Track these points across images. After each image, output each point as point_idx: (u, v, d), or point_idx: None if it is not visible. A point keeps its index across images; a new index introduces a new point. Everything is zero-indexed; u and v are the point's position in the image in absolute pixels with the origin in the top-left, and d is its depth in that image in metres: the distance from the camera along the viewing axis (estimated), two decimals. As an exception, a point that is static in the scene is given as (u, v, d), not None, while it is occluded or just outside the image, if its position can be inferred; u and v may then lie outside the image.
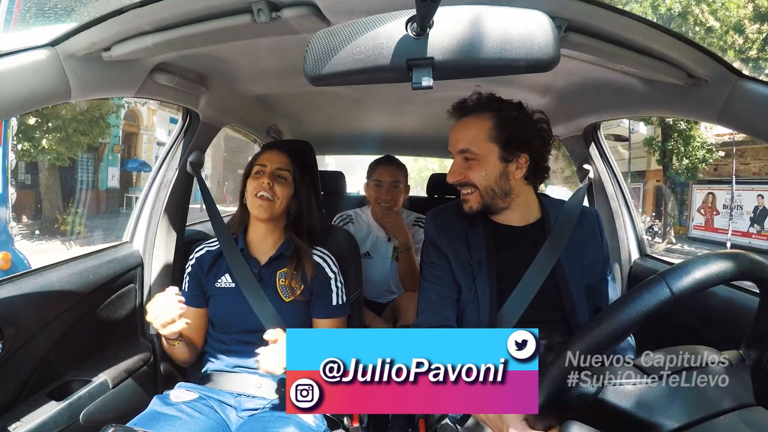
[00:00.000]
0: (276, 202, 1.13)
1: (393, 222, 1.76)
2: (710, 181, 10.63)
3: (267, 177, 1.14)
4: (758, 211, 9.61)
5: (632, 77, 1.01)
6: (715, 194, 10.50)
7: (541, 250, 0.97)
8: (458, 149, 0.99)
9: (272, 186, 1.13)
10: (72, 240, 8.73)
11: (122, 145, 11.58)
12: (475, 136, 0.97)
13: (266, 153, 1.19)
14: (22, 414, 0.93)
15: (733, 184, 10.02)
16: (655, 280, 0.53)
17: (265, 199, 1.12)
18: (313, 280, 1.15)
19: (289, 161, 1.18)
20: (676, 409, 0.52)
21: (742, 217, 9.88)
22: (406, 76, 0.56)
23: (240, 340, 1.12)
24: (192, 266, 1.18)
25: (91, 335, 1.16)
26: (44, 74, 0.78)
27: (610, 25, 0.78)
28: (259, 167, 1.16)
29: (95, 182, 11.01)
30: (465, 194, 1.00)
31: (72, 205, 9.68)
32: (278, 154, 1.18)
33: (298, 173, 1.19)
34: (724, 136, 10.11)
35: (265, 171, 1.15)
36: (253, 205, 1.13)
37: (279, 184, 1.14)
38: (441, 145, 2.78)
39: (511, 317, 0.94)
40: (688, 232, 11.11)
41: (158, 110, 11.88)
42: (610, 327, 0.53)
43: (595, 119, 1.39)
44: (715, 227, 10.42)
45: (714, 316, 1.06)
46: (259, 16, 0.78)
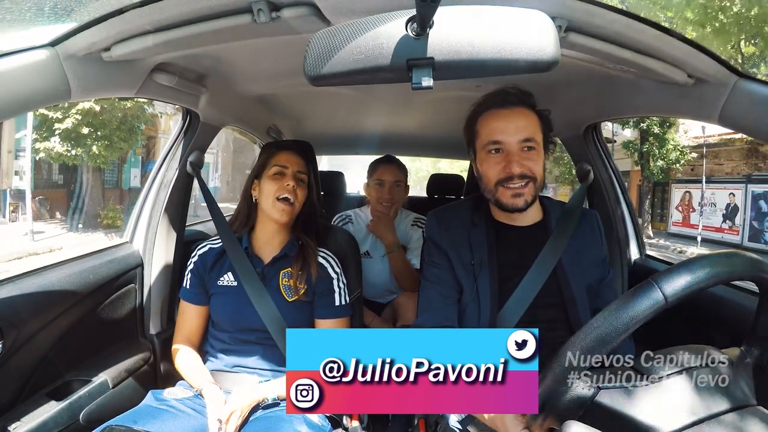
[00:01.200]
0: (296, 205, 1.13)
1: (378, 228, 1.77)
2: (687, 181, 11.66)
3: (291, 179, 1.12)
4: (729, 207, 10.37)
5: (632, 77, 1.01)
6: (692, 193, 11.38)
7: (543, 250, 0.97)
8: (521, 138, 0.93)
9: (295, 189, 1.12)
10: (112, 232, 9.97)
11: (143, 148, 12.74)
12: (535, 126, 0.95)
13: (284, 154, 1.17)
14: (22, 414, 0.93)
15: (703, 183, 10.87)
16: (647, 285, 0.53)
17: (288, 203, 1.11)
18: (316, 281, 1.15)
19: (305, 163, 1.18)
20: (673, 411, 0.52)
21: (715, 214, 10.70)
22: (406, 76, 0.56)
23: (240, 339, 1.12)
24: (194, 263, 1.18)
25: (91, 335, 1.16)
26: (44, 74, 0.78)
27: (610, 25, 0.78)
28: (279, 168, 1.14)
29: (119, 182, 12.68)
30: (520, 187, 0.93)
31: (108, 202, 11.32)
32: (296, 156, 1.17)
33: (312, 174, 1.19)
34: (700, 138, 10.99)
35: (287, 173, 1.14)
36: (273, 208, 1.12)
37: (300, 187, 1.14)
38: (441, 145, 2.79)
39: (513, 317, 0.94)
40: (668, 228, 12.03)
41: (174, 115, 12.48)
42: (602, 332, 0.53)
43: (595, 119, 1.39)
44: (691, 223, 11.30)
45: (714, 316, 1.06)
46: (259, 16, 0.78)
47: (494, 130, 0.95)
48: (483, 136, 0.97)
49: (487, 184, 0.97)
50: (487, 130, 0.97)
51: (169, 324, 1.39)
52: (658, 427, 0.51)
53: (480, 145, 0.98)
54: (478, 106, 1.01)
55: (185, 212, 1.47)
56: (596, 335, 0.53)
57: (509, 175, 0.93)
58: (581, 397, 0.54)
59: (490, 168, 0.95)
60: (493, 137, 0.95)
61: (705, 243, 10.32)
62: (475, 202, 1.06)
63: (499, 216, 1.02)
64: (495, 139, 0.95)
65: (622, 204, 1.50)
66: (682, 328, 1.14)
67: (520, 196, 0.93)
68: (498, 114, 0.97)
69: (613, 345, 0.53)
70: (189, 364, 1.11)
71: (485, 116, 0.98)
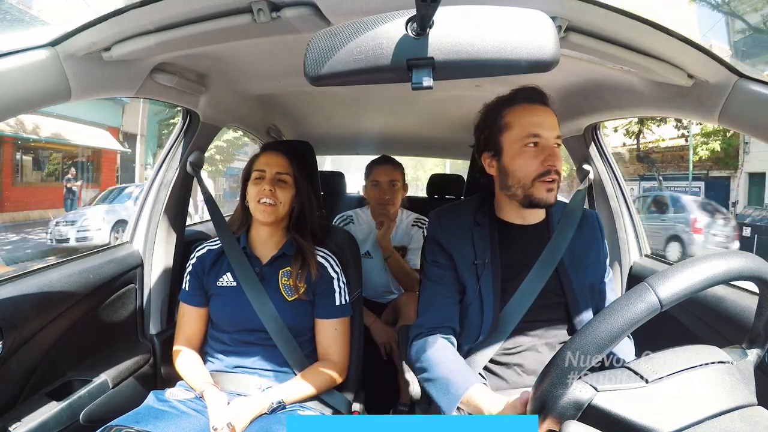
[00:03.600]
0: (279, 206, 1.13)
1: (385, 237, 1.76)
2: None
3: (268, 183, 1.13)
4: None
5: (632, 77, 1.01)
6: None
7: (545, 250, 0.97)
8: (556, 134, 0.94)
9: (274, 191, 1.12)
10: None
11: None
12: (558, 126, 0.96)
13: (263, 157, 1.18)
14: (22, 414, 0.93)
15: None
16: (642, 288, 0.53)
17: (268, 204, 1.12)
18: (316, 280, 1.15)
19: (288, 162, 1.18)
20: (671, 413, 0.52)
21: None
22: (406, 76, 0.56)
23: (240, 340, 1.12)
24: (193, 265, 1.18)
25: (91, 335, 1.16)
26: (44, 74, 0.78)
27: (611, 25, 0.78)
28: (258, 172, 1.15)
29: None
30: (552, 181, 0.93)
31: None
32: (276, 156, 1.18)
33: (298, 173, 1.19)
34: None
35: (265, 176, 1.14)
36: (256, 210, 1.13)
37: (280, 188, 1.14)
38: (441, 145, 2.80)
39: (515, 317, 0.94)
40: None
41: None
42: (599, 335, 0.53)
43: (595, 119, 1.39)
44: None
45: (714, 316, 1.06)
46: (259, 16, 0.78)
47: (533, 123, 0.93)
48: (518, 128, 0.94)
49: (522, 179, 0.94)
50: (523, 123, 0.94)
51: (169, 324, 1.39)
52: (658, 428, 0.51)
53: (513, 138, 0.95)
54: (504, 100, 0.99)
55: (185, 212, 1.47)
56: (593, 337, 0.53)
57: (548, 169, 0.91)
58: (579, 399, 0.54)
59: (527, 162, 0.93)
60: (532, 130, 0.93)
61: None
62: (478, 201, 1.06)
63: (506, 215, 1.02)
64: (535, 132, 0.92)
65: (622, 204, 1.50)
66: (682, 327, 1.14)
67: (552, 191, 0.93)
68: (533, 108, 0.95)
69: (611, 347, 0.53)
70: (189, 366, 1.11)
71: (517, 109, 0.96)
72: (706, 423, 0.51)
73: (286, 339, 1.10)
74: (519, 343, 0.95)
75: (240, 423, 0.94)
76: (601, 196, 1.52)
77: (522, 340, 0.96)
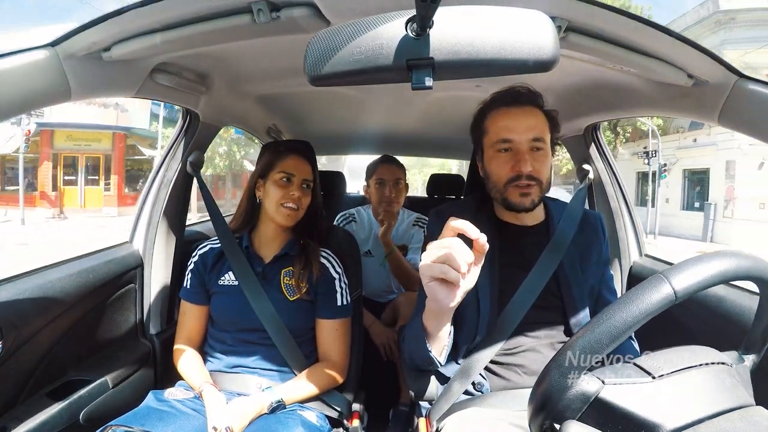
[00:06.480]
0: (301, 211, 1.14)
1: (386, 235, 1.77)
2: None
3: (296, 189, 1.13)
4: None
5: (632, 77, 1.01)
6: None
7: (545, 252, 0.97)
8: (531, 137, 0.92)
9: (300, 198, 1.13)
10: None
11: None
12: (543, 125, 0.94)
13: (292, 159, 1.16)
14: (22, 414, 0.93)
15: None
16: (657, 279, 0.53)
17: (292, 209, 1.12)
18: (318, 281, 1.15)
19: (311, 169, 1.18)
20: (676, 409, 0.52)
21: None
22: (406, 76, 0.56)
23: (241, 339, 1.12)
24: (195, 263, 1.18)
25: (91, 335, 1.16)
26: (44, 74, 0.78)
27: (610, 26, 0.78)
28: (285, 175, 1.14)
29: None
30: (528, 186, 0.92)
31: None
32: (304, 163, 1.17)
33: (316, 179, 1.19)
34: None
35: (294, 181, 1.14)
36: (277, 213, 1.12)
37: (304, 194, 1.14)
38: (441, 145, 2.79)
39: (514, 319, 0.93)
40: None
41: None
42: (612, 326, 0.52)
43: (595, 119, 1.39)
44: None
45: (714, 316, 1.06)
46: (259, 16, 0.78)
47: (504, 128, 0.94)
48: (492, 133, 0.96)
49: (496, 183, 0.95)
50: (496, 128, 0.95)
51: (169, 324, 1.39)
52: (661, 424, 0.51)
53: (489, 142, 0.96)
54: (487, 103, 0.99)
55: (185, 212, 1.47)
56: (608, 327, 0.53)
57: (518, 174, 0.92)
58: (586, 392, 0.54)
59: (499, 167, 0.94)
60: (502, 135, 0.93)
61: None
62: (478, 200, 1.06)
63: (504, 215, 1.02)
64: (505, 137, 0.93)
65: (622, 204, 1.50)
66: (682, 327, 1.14)
67: (527, 196, 0.93)
68: (508, 112, 0.95)
69: (624, 337, 0.53)
70: (189, 364, 1.11)
71: (495, 114, 0.97)
72: (706, 422, 0.51)
73: (286, 339, 1.10)
74: (519, 344, 0.95)
75: (239, 423, 0.94)
76: (601, 196, 1.52)
77: (522, 341, 0.95)
